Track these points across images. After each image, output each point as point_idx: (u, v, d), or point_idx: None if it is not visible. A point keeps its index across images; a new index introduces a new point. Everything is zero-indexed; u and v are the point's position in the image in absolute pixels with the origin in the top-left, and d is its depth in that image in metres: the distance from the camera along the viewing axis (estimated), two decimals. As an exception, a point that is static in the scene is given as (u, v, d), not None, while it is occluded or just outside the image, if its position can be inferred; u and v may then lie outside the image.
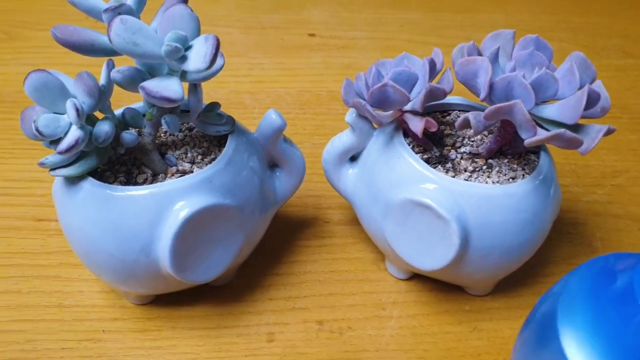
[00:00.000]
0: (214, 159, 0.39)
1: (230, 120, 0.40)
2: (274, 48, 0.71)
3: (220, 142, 0.41)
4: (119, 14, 0.32)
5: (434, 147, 0.41)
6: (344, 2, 0.79)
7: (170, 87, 0.32)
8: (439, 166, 0.40)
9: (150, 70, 0.35)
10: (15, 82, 0.63)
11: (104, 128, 0.35)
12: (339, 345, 0.42)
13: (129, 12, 0.32)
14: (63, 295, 0.44)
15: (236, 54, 0.69)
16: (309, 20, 0.75)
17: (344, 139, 0.43)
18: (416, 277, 0.46)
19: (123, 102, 0.40)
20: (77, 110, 0.32)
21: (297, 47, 0.71)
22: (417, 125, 0.37)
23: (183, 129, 0.42)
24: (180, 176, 0.38)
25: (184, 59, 0.32)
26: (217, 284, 0.44)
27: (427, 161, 0.40)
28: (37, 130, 0.33)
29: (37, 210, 0.50)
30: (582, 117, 0.34)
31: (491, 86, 0.35)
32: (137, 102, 0.41)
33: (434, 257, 0.38)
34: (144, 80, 0.33)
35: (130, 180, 0.38)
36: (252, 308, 0.44)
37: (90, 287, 0.45)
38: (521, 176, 0.39)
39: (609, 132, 0.35)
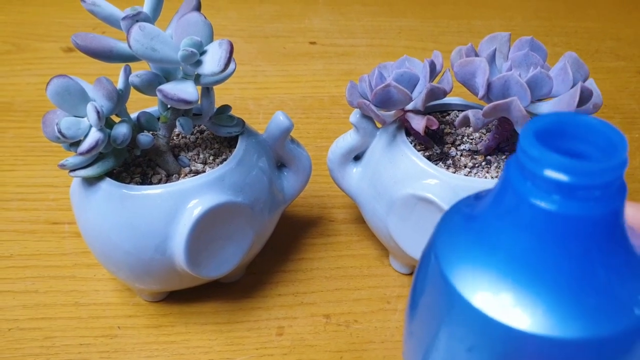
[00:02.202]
0: (225, 160, 0.41)
1: (241, 122, 0.42)
2: (277, 56, 0.73)
3: (230, 143, 0.43)
4: (137, 21, 0.33)
5: (435, 145, 0.43)
6: (344, 11, 0.82)
7: (186, 90, 0.34)
8: (440, 163, 0.42)
9: (165, 75, 0.37)
10: (26, 92, 0.65)
11: (121, 130, 0.37)
12: (346, 338, 0.43)
13: (146, 19, 0.34)
14: (79, 294, 0.46)
15: (240, 62, 0.71)
16: (310, 29, 0.77)
17: (348, 139, 0.45)
18: (419, 272, 0.47)
19: (131, 109, 0.42)
20: (97, 112, 0.34)
21: (299, 55, 0.73)
22: (419, 123, 0.39)
23: (195, 132, 0.44)
24: (193, 176, 0.40)
25: (198, 63, 0.34)
26: (227, 281, 0.46)
27: (428, 158, 0.41)
28: (59, 132, 0.34)
29: (51, 214, 0.52)
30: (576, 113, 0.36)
31: (489, 85, 0.37)
32: (150, 107, 0.43)
33: (436, 250, 0.40)
34: (160, 84, 0.35)
35: (145, 181, 0.40)
36: (261, 304, 0.45)
37: (105, 286, 0.46)
38: (518, 171, 0.41)
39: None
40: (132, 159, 0.41)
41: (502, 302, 0.22)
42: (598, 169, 0.20)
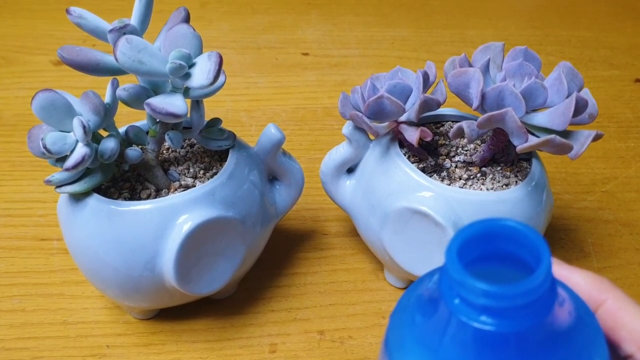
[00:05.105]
0: (215, 174, 0.40)
1: (231, 135, 0.41)
2: (269, 67, 0.72)
3: (221, 157, 0.42)
4: (124, 33, 0.33)
5: (429, 156, 0.42)
6: (336, 21, 0.81)
7: (175, 103, 0.33)
8: (435, 175, 0.41)
9: (154, 88, 0.36)
10: (15, 106, 0.64)
11: (109, 145, 0.36)
12: (341, 354, 0.42)
13: (134, 31, 0.34)
14: (67, 312, 0.45)
15: (232, 74, 0.70)
16: (303, 40, 0.77)
17: (341, 151, 0.44)
18: (415, 285, 0.46)
19: (121, 123, 0.41)
20: (83, 127, 0.33)
21: (291, 66, 0.72)
22: (412, 135, 0.38)
23: (185, 146, 0.43)
24: (183, 191, 0.39)
25: (187, 76, 0.33)
26: (219, 297, 0.45)
27: (422, 170, 0.41)
28: (44, 147, 0.34)
29: (39, 230, 0.51)
30: (571, 123, 0.36)
31: (483, 96, 0.36)
32: (139, 121, 0.42)
33: (431, 264, 0.39)
34: (148, 97, 0.34)
35: (134, 196, 0.39)
36: (254, 320, 0.44)
37: (94, 304, 0.45)
38: (514, 183, 0.40)
39: (597, 137, 0.36)
40: (121, 174, 0.40)
41: None
42: (520, 291, 0.20)
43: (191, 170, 0.41)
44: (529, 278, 0.20)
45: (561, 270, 0.26)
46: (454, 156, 0.43)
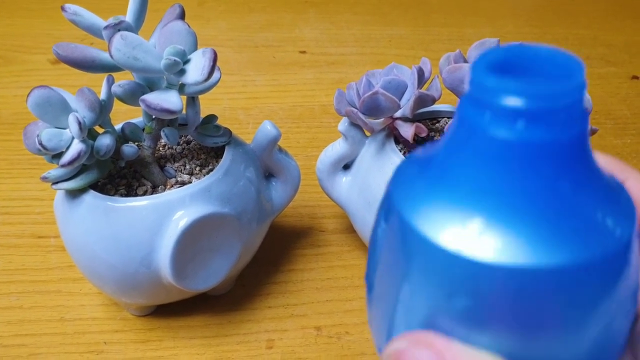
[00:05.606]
0: (211, 170, 0.40)
1: (227, 132, 0.41)
2: (267, 65, 0.72)
3: (217, 153, 0.43)
4: (119, 30, 0.33)
5: (425, 153, 0.42)
6: (334, 20, 0.81)
7: (170, 99, 0.33)
8: (430, 171, 0.41)
9: (149, 84, 0.36)
10: (13, 104, 0.65)
11: (105, 141, 0.36)
12: (338, 350, 0.42)
13: (129, 28, 0.34)
14: (64, 309, 0.45)
15: (230, 72, 0.70)
16: (301, 38, 0.77)
17: (337, 148, 0.44)
18: (411, 282, 0.47)
19: (119, 119, 0.41)
20: (79, 123, 0.34)
21: (289, 64, 0.73)
22: (407, 131, 0.38)
23: (181, 142, 0.44)
24: (180, 187, 0.39)
25: (182, 72, 0.33)
26: (216, 294, 0.45)
27: (418, 166, 0.41)
28: (40, 144, 0.34)
29: (36, 228, 0.51)
30: (565, 119, 0.36)
31: (477, 92, 0.36)
32: (135, 118, 0.43)
33: (427, 260, 0.39)
34: (143, 93, 0.35)
35: (131, 193, 0.39)
36: (251, 316, 0.45)
37: (91, 301, 0.45)
38: (509, 179, 0.40)
39: (591, 132, 0.36)
40: (117, 171, 0.41)
41: (473, 236, 0.20)
42: (560, 90, 0.18)
43: (187, 166, 0.41)
44: (567, 79, 0.19)
45: None
46: (449, 152, 0.43)
